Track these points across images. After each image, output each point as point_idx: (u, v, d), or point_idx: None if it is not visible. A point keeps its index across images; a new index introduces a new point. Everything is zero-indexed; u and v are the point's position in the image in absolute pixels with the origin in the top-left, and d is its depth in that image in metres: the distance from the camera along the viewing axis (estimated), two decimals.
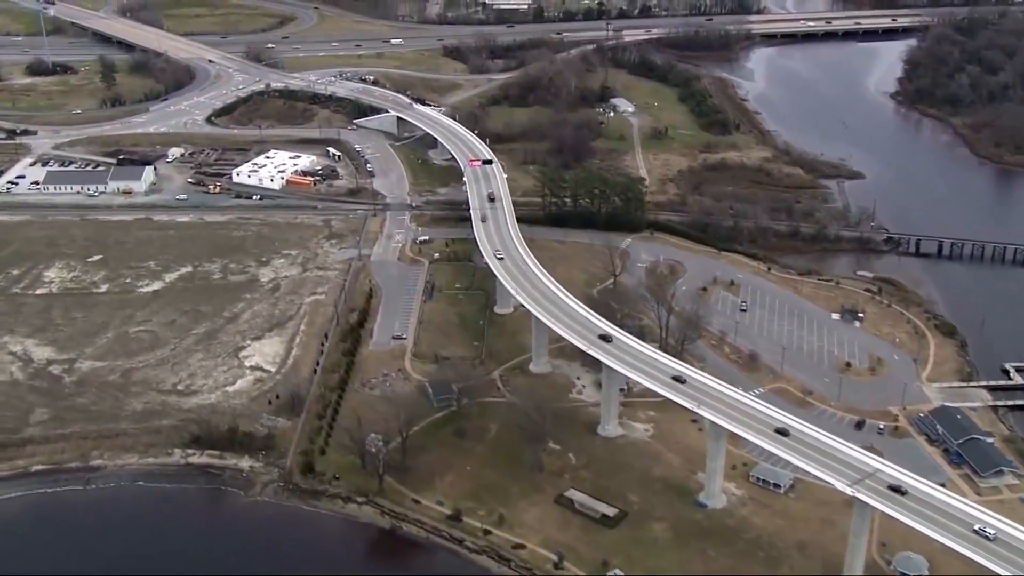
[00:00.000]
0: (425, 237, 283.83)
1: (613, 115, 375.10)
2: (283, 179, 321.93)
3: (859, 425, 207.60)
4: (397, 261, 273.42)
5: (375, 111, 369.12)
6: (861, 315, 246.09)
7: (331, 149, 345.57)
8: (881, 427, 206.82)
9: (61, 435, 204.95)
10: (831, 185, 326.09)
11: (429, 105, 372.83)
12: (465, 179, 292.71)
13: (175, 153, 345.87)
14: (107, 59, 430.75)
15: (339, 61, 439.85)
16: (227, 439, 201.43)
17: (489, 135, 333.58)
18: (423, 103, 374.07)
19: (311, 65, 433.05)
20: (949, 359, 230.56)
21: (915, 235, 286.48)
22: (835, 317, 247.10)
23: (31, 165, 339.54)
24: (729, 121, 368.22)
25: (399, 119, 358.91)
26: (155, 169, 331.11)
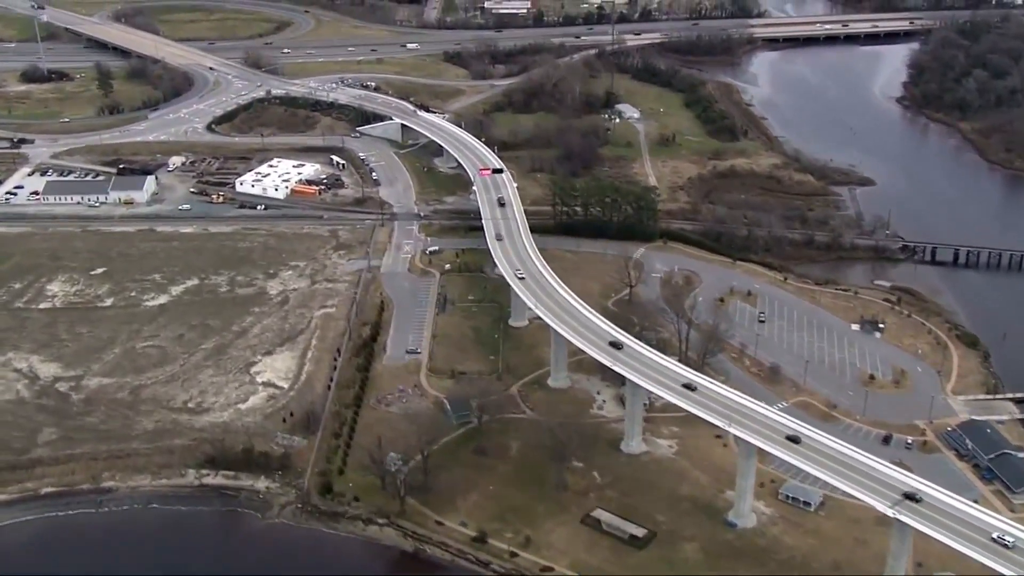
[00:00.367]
0: (435, 248, 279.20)
1: (619, 121, 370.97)
2: (287, 188, 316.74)
3: (886, 440, 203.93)
4: (407, 272, 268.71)
5: (378, 118, 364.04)
6: (882, 326, 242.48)
7: (335, 157, 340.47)
8: (909, 442, 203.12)
9: (71, 456, 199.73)
10: (842, 192, 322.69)
11: (433, 112, 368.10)
12: (475, 189, 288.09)
13: (176, 162, 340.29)
14: (103, 66, 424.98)
15: (338, 67, 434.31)
16: (242, 459, 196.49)
17: (495, 142, 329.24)
18: (427, 110, 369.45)
19: (311, 71, 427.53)
20: (973, 371, 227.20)
21: (930, 243, 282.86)
22: (855, 328, 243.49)
23: (29, 175, 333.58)
24: (737, 127, 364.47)
25: (403, 126, 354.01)
26: (156, 178, 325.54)
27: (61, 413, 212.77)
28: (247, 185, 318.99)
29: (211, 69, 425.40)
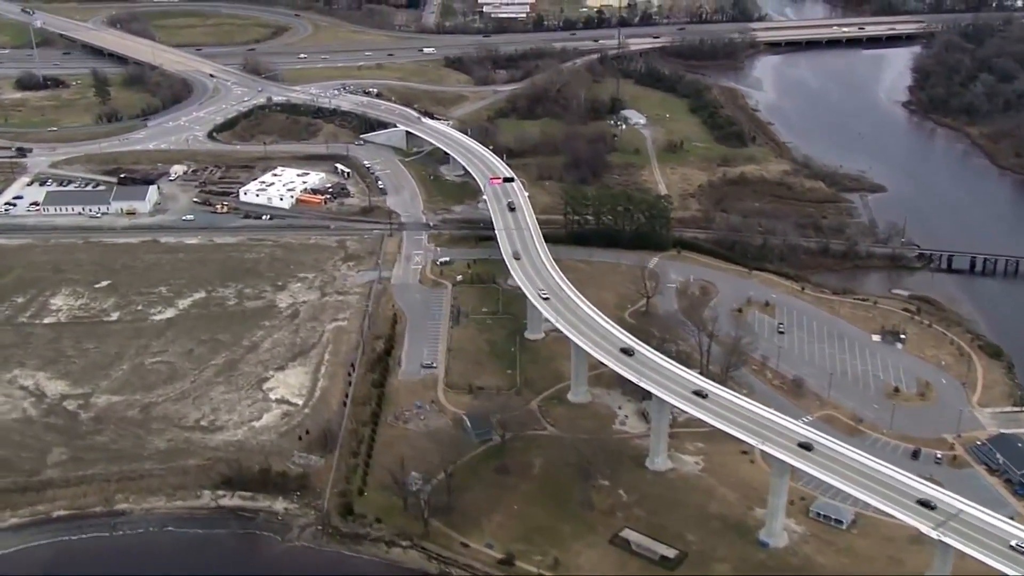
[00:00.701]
0: (446, 258, 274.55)
1: (625, 128, 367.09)
2: (293, 198, 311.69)
3: (915, 455, 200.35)
4: (419, 284, 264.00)
5: (382, 125, 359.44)
6: (903, 336, 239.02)
7: (339, 165, 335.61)
8: (938, 456, 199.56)
9: (82, 477, 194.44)
10: (854, 199, 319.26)
11: (438, 119, 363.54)
12: (485, 197, 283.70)
13: (177, 171, 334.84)
14: (100, 73, 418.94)
15: (338, 73, 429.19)
16: (259, 479, 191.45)
17: (502, 150, 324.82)
18: (431, 116, 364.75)
19: (310, 77, 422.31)
20: (998, 382, 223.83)
21: (947, 251, 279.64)
22: (876, 339, 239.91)
23: (28, 185, 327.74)
24: (745, 133, 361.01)
25: (408, 133, 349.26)
26: (158, 188, 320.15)
27: (70, 432, 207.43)
28: (251, 194, 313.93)
29: (211, 76, 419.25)
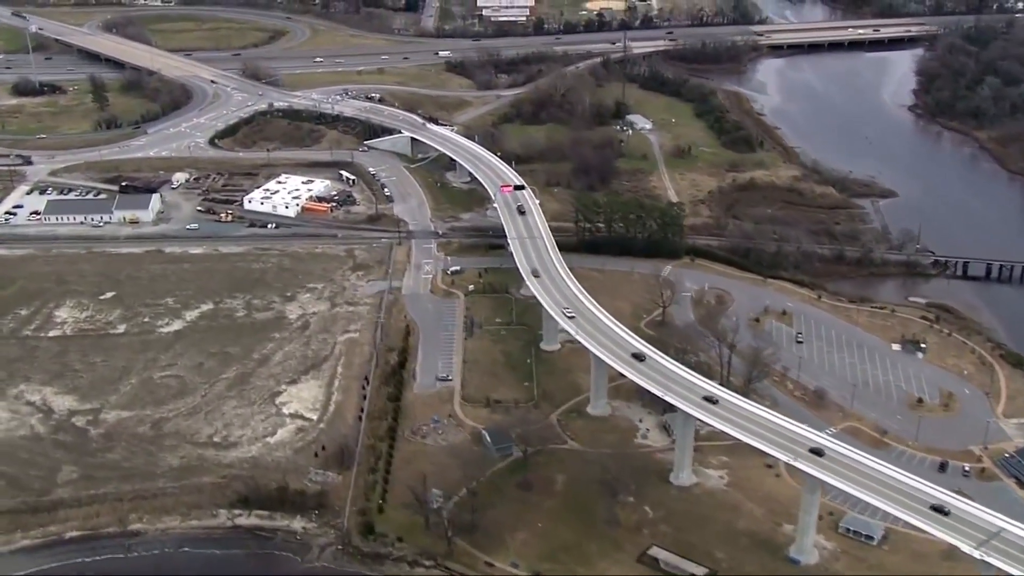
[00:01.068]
0: (456, 267, 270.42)
1: (632, 133, 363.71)
2: (298, 205, 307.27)
3: (942, 467, 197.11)
4: (430, 294, 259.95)
5: (386, 131, 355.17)
6: (923, 346, 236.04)
7: (344, 172, 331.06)
8: (966, 469, 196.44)
9: (94, 496, 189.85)
10: (865, 204, 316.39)
11: (443, 124, 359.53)
12: (495, 206, 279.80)
13: (180, 178, 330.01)
14: (97, 78, 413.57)
15: (339, 78, 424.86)
16: (276, 497, 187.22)
17: (509, 156, 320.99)
18: (436, 122, 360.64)
19: (310, 82, 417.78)
20: (1022, 392, 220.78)
21: (962, 257, 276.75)
22: (895, 348, 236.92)
23: (28, 193, 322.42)
24: (753, 138, 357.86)
25: (413, 140, 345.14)
26: (161, 196, 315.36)
27: (80, 450, 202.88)
28: (255, 203, 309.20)
29: (212, 82, 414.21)
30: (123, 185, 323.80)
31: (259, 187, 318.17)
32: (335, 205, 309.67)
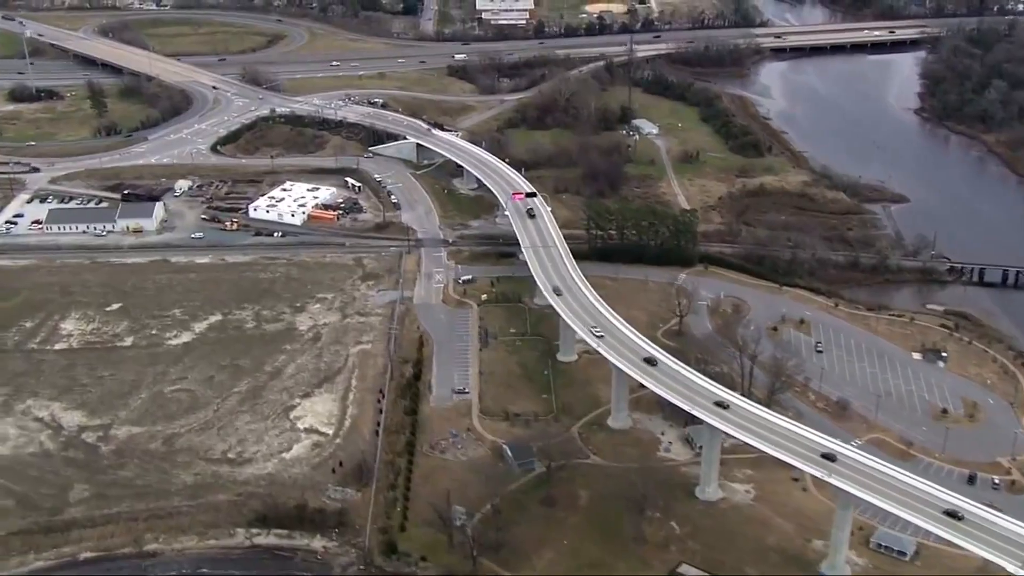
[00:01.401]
0: (468, 276, 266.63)
1: (639, 138, 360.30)
2: (304, 213, 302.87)
3: (971, 479, 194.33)
4: (442, 304, 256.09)
5: (391, 137, 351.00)
6: (944, 354, 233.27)
7: (350, 179, 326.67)
8: (996, 481, 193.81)
9: (107, 516, 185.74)
10: (876, 210, 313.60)
11: (447, 130, 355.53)
12: (507, 213, 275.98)
13: (182, 186, 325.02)
14: (95, 84, 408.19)
15: (340, 83, 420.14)
16: (295, 516, 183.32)
17: (517, 162, 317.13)
18: (441, 128, 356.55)
19: (311, 87, 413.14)
20: None
21: (977, 264, 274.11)
22: (917, 357, 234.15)
23: (28, 202, 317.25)
24: (761, 143, 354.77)
25: (418, 146, 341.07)
26: (164, 205, 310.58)
27: (91, 467, 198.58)
28: (260, 210, 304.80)
29: (214, 88, 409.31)
30: (125, 193, 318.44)
31: (264, 194, 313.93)
32: (342, 213, 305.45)
